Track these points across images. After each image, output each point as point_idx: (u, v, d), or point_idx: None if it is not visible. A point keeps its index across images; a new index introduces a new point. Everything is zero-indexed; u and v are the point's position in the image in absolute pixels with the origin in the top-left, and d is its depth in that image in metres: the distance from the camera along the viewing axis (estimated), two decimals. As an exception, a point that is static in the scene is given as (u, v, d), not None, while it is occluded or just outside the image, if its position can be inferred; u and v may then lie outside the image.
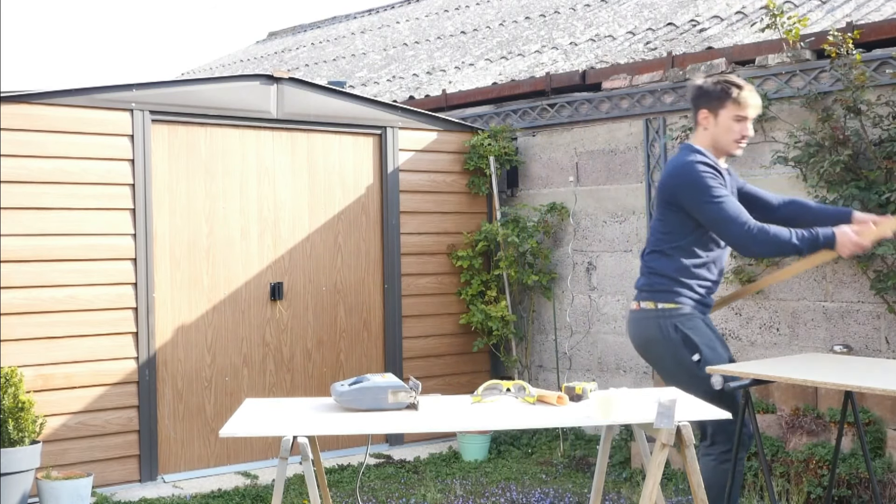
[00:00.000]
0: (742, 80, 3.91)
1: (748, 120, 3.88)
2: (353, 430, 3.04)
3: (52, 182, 5.32)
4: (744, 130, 3.89)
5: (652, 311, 3.88)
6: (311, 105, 6.22)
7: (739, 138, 3.89)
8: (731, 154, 3.94)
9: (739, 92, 3.84)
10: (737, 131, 3.88)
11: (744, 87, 3.86)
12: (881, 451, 4.82)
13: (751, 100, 3.86)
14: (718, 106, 3.86)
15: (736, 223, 3.70)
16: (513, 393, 3.30)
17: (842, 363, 3.91)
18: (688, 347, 3.80)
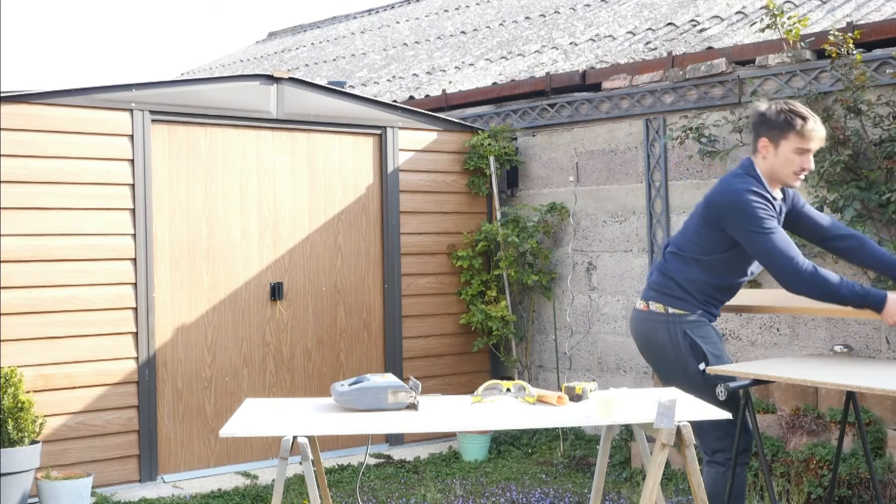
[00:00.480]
0: (807, 110, 3.71)
1: (810, 152, 3.70)
2: (353, 430, 3.04)
3: (52, 182, 5.32)
4: (805, 163, 3.70)
5: (661, 314, 3.82)
6: (311, 105, 6.22)
7: (799, 171, 3.71)
8: (788, 185, 3.78)
9: (804, 124, 3.65)
10: (797, 163, 3.69)
11: (808, 118, 3.67)
12: (881, 451, 4.82)
13: (815, 132, 3.67)
14: (780, 136, 3.68)
15: (784, 256, 3.59)
16: (513, 393, 3.30)
17: (842, 363, 3.91)
18: (695, 355, 3.77)
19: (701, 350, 3.75)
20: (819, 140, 3.70)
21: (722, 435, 3.80)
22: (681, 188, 6.10)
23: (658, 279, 3.89)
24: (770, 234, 3.61)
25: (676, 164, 6.11)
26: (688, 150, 6.02)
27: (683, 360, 3.77)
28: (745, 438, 3.82)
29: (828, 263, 5.40)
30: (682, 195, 6.09)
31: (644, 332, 3.91)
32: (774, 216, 3.68)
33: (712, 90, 5.90)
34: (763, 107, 3.74)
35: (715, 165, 5.91)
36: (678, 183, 6.11)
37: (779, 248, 3.60)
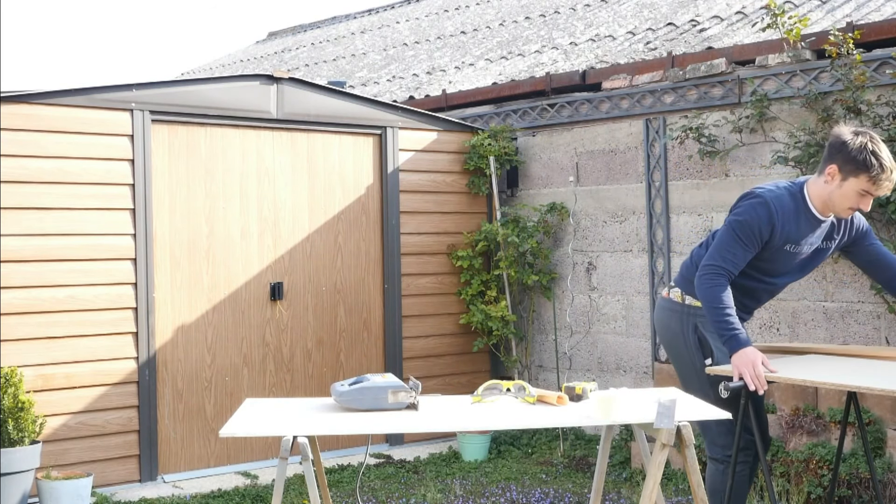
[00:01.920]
0: (888, 155, 3.59)
1: (868, 194, 3.61)
2: (353, 430, 3.04)
3: (52, 182, 5.32)
4: (863, 204, 3.63)
5: (678, 304, 3.85)
6: (311, 105, 6.22)
7: (855, 208, 3.65)
8: (838, 216, 3.73)
9: (880, 172, 3.54)
10: (854, 202, 3.62)
11: (887, 168, 3.55)
12: (881, 451, 4.82)
13: (887, 183, 3.58)
14: (851, 172, 3.57)
15: (719, 255, 3.63)
16: (513, 393, 3.30)
17: (842, 363, 3.90)
18: (703, 349, 3.77)
19: (709, 346, 3.75)
20: (887, 190, 3.61)
21: (724, 431, 3.80)
22: (681, 188, 6.10)
23: (686, 263, 3.93)
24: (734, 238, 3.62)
25: (676, 164, 6.11)
26: (688, 150, 6.02)
27: (692, 354, 3.79)
28: (746, 437, 3.81)
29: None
30: (682, 195, 6.09)
31: (661, 319, 3.93)
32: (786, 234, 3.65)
33: (712, 90, 5.90)
34: (847, 136, 3.59)
35: (715, 165, 5.91)
36: (678, 183, 6.11)
37: (725, 247, 3.63)
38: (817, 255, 3.82)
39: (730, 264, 3.64)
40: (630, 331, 6.38)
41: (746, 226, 3.63)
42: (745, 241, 3.63)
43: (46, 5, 32.92)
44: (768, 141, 5.66)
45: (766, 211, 3.62)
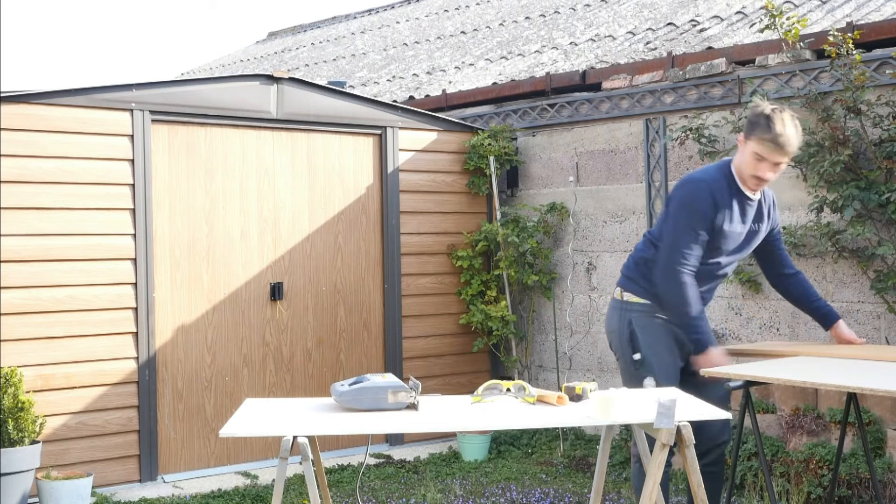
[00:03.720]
0: (791, 125, 3.65)
1: (767, 163, 3.66)
2: (353, 430, 3.04)
3: (52, 182, 5.32)
4: (759, 171, 3.67)
5: (618, 301, 3.97)
6: (311, 105, 6.22)
7: (754, 176, 3.70)
8: (747, 188, 3.77)
9: (770, 133, 3.60)
10: (754, 168, 3.68)
11: (780, 134, 3.60)
12: (881, 451, 4.82)
13: (774, 147, 3.62)
14: (749, 134, 3.69)
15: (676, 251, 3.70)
16: (513, 393, 3.29)
17: (842, 363, 3.90)
18: (632, 344, 3.87)
19: (637, 341, 3.86)
20: (776, 156, 3.65)
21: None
22: (681, 188, 6.09)
23: (628, 262, 4.06)
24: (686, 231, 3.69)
25: (676, 164, 6.11)
26: (688, 150, 6.02)
27: (625, 348, 3.90)
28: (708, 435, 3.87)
29: (827, 263, 5.41)
30: (682, 195, 6.08)
31: (607, 318, 4.06)
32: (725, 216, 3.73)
33: (712, 90, 5.90)
34: (760, 103, 3.76)
35: (715, 165, 5.91)
36: (678, 183, 6.10)
37: (679, 244, 3.69)
38: (752, 237, 3.88)
39: (692, 258, 3.73)
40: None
41: (696, 213, 3.70)
42: (698, 230, 3.71)
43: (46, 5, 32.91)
44: (768, 141, 5.65)
45: (708, 192, 3.71)
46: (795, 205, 5.56)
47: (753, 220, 3.85)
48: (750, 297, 5.74)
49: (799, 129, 3.73)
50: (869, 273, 5.18)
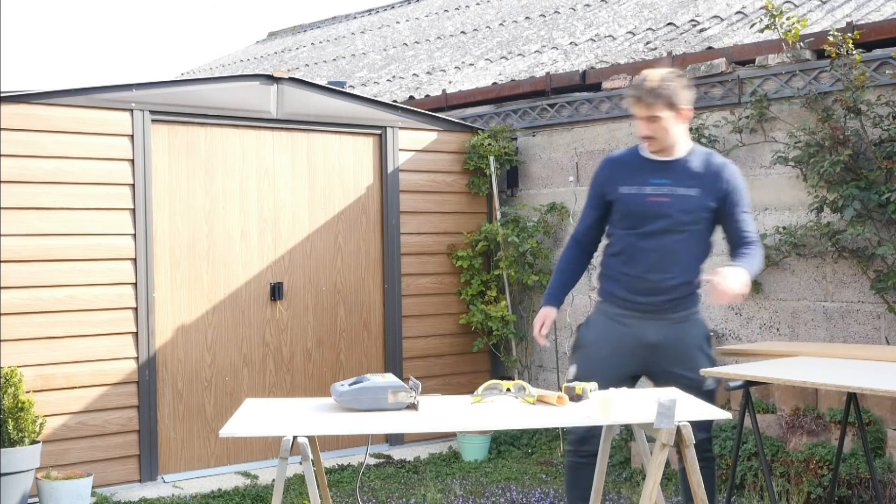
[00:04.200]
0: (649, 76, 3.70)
1: (640, 120, 3.70)
2: (353, 430, 3.04)
3: (52, 182, 5.32)
4: (639, 130, 3.73)
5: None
6: (311, 105, 6.22)
7: (641, 137, 3.75)
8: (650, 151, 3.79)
9: (633, 88, 3.71)
10: (637, 130, 3.77)
11: (636, 84, 3.69)
12: (881, 451, 4.82)
13: (634, 101, 3.69)
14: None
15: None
16: (513, 393, 3.29)
17: (842, 363, 3.91)
18: (574, 343, 3.96)
19: (577, 339, 3.95)
20: (637, 108, 3.69)
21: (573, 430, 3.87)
22: (681, 188, 6.09)
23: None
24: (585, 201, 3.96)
25: (676, 164, 6.11)
26: (688, 150, 6.01)
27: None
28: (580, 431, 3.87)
29: (827, 263, 5.41)
30: (682, 195, 6.08)
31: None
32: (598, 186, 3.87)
33: (712, 90, 5.90)
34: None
35: (715, 165, 5.91)
36: (678, 183, 6.10)
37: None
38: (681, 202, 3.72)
39: (579, 225, 3.98)
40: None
41: (591, 184, 3.94)
42: (588, 200, 3.93)
43: (46, 5, 32.92)
44: (768, 141, 5.66)
45: (605, 163, 3.91)
46: (795, 205, 5.56)
47: (668, 182, 3.73)
48: (750, 297, 5.74)
49: (658, 74, 3.68)
50: (869, 273, 5.19)
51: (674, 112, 3.67)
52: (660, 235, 3.73)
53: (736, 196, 3.76)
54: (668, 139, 3.72)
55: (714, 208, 3.75)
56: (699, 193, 3.72)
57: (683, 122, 3.75)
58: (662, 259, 3.73)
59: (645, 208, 3.74)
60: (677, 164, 3.76)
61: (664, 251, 3.73)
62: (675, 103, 3.67)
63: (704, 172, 3.75)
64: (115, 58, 33.15)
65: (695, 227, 3.74)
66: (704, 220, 3.75)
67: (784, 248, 5.50)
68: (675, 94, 3.66)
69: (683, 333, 3.79)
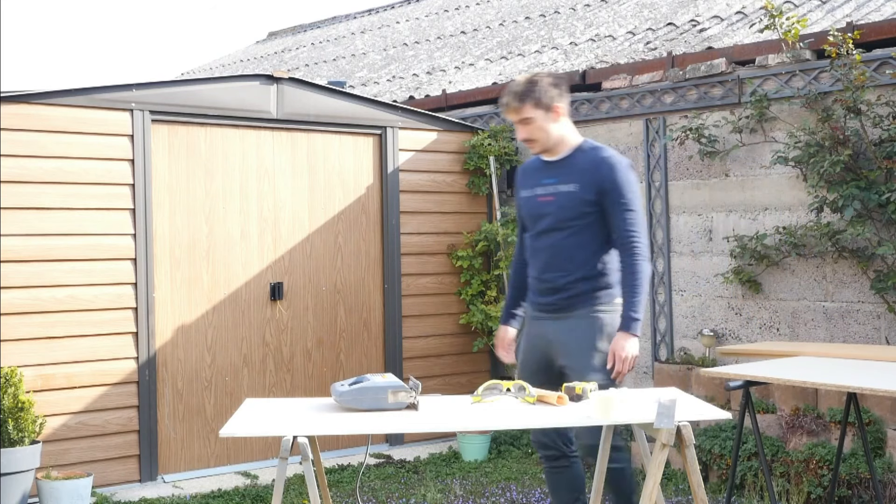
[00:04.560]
0: (517, 78, 3.72)
1: (515, 124, 3.73)
2: (353, 430, 3.04)
3: (52, 182, 5.32)
4: (517, 133, 3.75)
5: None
6: (311, 105, 6.22)
7: (520, 140, 3.77)
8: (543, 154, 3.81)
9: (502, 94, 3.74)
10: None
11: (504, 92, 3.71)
12: (881, 451, 4.82)
13: (502, 106, 3.73)
14: None
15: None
16: (513, 393, 3.29)
17: (842, 363, 3.91)
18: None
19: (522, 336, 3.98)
20: (507, 114, 3.73)
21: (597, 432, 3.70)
22: (681, 188, 6.10)
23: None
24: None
25: (676, 164, 6.11)
26: (688, 150, 6.02)
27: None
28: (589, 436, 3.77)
29: (827, 263, 5.41)
30: (682, 195, 6.09)
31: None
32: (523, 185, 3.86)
33: (712, 90, 5.90)
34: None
35: (715, 166, 5.91)
36: (678, 183, 6.11)
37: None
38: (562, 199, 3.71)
39: (517, 240, 3.98)
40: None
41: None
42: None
43: (46, 5, 32.91)
44: (768, 141, 5.66)
45: (518, 171, 3.94)
46: (795, 205, 5.56)
47: (554, 181, 3.73)
48: (750, 297, 5.74)
49: (524, 77, 3.70)
50: (869, 273, 5.19)
51: (544, 111, 3.66)
52: (548, 234, 3.75)
53: (617, 193, 3.65)
54: (548, 139, 3.71)
55: (596, 203, 3.67)
56: (578, 189, 3.68)
57: (560, 120, 3.72)
58: (553, 258, 3.75)
59: (536, 209, 3.79)
60: (563, 163, 3.76)
61: (554, 250, 3.74)
62: (545, 102, 3.65)
63: (586, 168, 3.70)
64: (115, 58, 33.16)
65: (579, 222, 3.69)
66: (589, 216, 3.68)
67: (784, 248, 5.50)
68: (542, 93, 3.65)
69: (580, 331, 3.72)
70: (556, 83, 3.70)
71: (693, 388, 5.62)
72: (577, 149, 3.75)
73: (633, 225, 3.64)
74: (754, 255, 5.58)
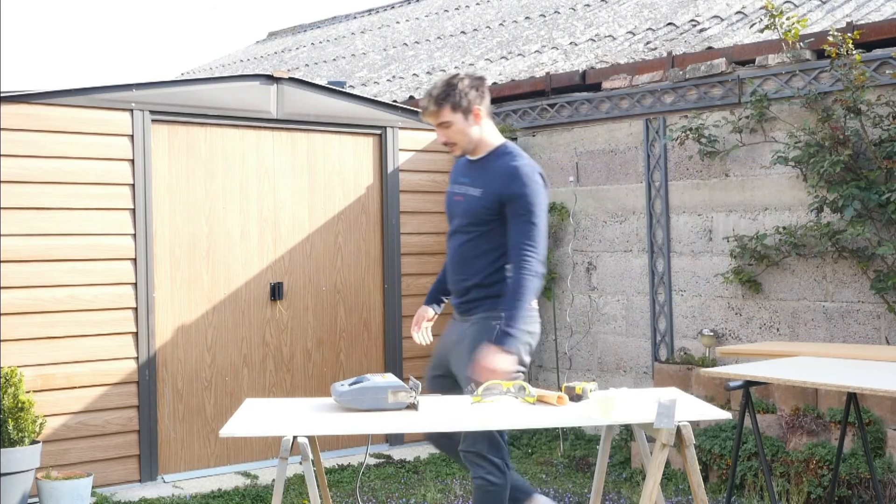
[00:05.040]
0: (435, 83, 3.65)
1: (435, 128, 3.69)
2: (353, 430, 3.04)
3: (52, 182, 5.32)
4: (438, 137, 3.71)
5: None
6: (311, 105, 6.22)
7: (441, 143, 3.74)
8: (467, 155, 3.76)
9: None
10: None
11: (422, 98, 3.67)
12: (881, 451, 4.82)
13: (421, 111, 3.69)
14: None
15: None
16: (513, 393, 3.29)
17: (842, 363, 3.91)
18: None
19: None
20: (424, 119, 3.69)
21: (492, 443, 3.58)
22: (681, 188, 6.10)
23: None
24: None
25: (676, 164, 6.11)
26: (688, 150, 6.02)
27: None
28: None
29: (827, 263, 5.41)
30: (682, 195, 6.09)
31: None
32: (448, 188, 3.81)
33: (712, 90, 5.90)
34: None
35: (715, 165, 5.91)
36: (678, 183, 6.11)
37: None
38: (467, 202, 3.68)
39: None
40: (630, 331, 6.38)
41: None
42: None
43: (46, 5, 32.92)
44: (768, 141, 5.66)
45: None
46: (795, 205, 5.56)
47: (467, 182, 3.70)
48: (750, 297, 5.74)
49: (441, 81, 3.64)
50: (869, 273, 5.19)
51: (464, 114, 3.62)
52: (454, 236, 3.75)
53: (519, 204, 3.53)
54: (468, 142, 3.66)
55: (498, 212, 3.58)
56: (482, 194, 3.61)
57: (480, 122, 3.68)
58: (457, 260, 3.74)
59: (450, 207, 3.80)
60: (478, 164, 3.72)
61: (458, 252, 3.73)
62: (462, 105, 3.61)
63: (494, 174, 3.62)
64: (115, 58, 33.16)
65: (480, 228, 3.62)
66: (491, 223, 3.59)
67: (784, 248, 5.50)
68: (459, 96, 3.60)
69: (470, 336, 3.70)
70: (475, 85, 3.66)
71: (693, 388, 5.62)
72: (493, 153, 3.69)
73: (530, 238, 3.52)
74: (754, 255, 5.58)
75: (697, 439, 5.24)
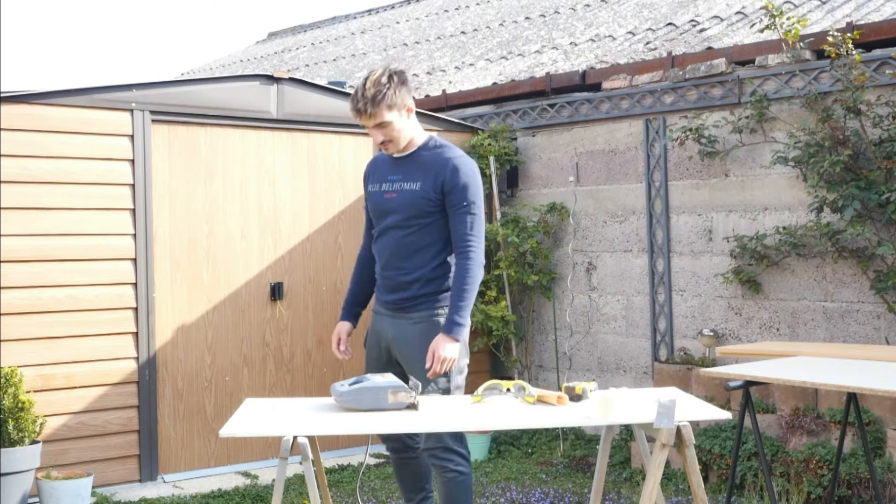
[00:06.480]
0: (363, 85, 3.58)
1: (368, 129, 3.66)
2: (353, 430, 3.04)
3: (52, 182, 5.32)
4: (373, 137, 3.69)
5: None
6: (311, 105, 6.22)
7: (377, 143, 3.71)
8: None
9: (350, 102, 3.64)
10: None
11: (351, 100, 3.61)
12: (881, 451, 4.82)
13: (353, 113, 3.63)
14: None
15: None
16: (513, 393, 3.30)
17: (842, 363, 3.91)
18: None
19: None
20: (358, 120, 3.65)
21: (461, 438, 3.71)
22: (681, 188, 6.10)
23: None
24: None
25: (676, 165, 6.11)
26: (688, 150, 6.02)
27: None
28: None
29: (827, 263, 5.41)
30: (682, 195, 6.09)
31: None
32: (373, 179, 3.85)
33: (712, 90, 5.90)
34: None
35: (715, 166, 5.92)
36: (678, 183, 6.11)
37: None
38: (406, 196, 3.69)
39: (364, 234, 4.03)
40: (630, 331, 6.38)
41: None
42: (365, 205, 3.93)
43: (46, 5, 32.92)
44: (768, 141, 5.66)
45: (369, 165, 3.95)
46: (795, 205, 5.56)
47: (399, 178, 3.72)
48: (750, 297, 5.74)
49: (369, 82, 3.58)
50: (869, 273, 5.19)
51: (398, 111, 3.61)
52: (391, 231, 3.76)
53: (457, 194, 3.61)
54: (403, 138, 3.68)
55: (438, 203, 3.64)
56: (421, 188, 3.65)
57: (411, 117, 3.68)
58: (394, 256, 3.76)
59: (381, 205, 3.81)
60: (408, 159, 3.73)
61: (396, 248, 3.75)
62: (397, 103, 3.59)
63: (430, 165, 3.66)
64: (115, 58, 33.16)
65: (422, 221, 3.66)
66: (432, 216, 3.65)
67: (784, 248, 5.50)
68: (393, 95, 3.57)
69: (418, 333, 3.71)
70: (402, 80, 3.63)
71: (693, 388, 5.62)
72: (423, 146, 3.72)
73: (471, 228, 3.60)
74: (754, 255, 5.58)
75: (697, 439, 5.25)
